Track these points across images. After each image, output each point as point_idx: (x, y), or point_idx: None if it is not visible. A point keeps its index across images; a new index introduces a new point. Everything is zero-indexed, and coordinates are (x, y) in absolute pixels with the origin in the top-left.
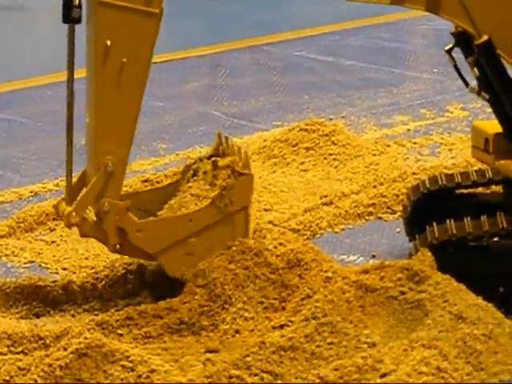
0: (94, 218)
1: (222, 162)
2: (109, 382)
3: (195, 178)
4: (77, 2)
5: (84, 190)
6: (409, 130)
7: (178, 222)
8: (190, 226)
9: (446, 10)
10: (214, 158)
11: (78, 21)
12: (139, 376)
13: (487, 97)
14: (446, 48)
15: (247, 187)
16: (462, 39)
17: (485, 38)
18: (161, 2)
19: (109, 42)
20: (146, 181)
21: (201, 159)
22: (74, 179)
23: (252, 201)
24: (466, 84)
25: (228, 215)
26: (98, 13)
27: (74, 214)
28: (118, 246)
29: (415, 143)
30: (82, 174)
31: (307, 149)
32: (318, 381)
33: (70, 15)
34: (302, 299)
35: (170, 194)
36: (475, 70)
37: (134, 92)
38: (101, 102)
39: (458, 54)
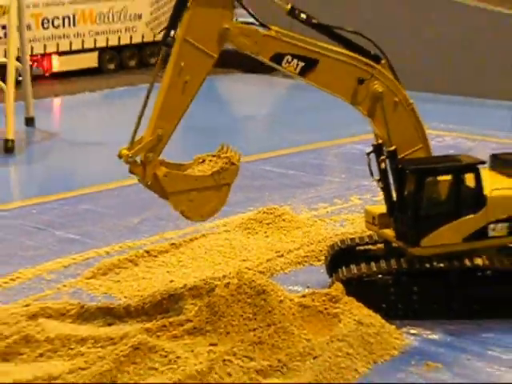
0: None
1: (223, 155)
2: (151, 365)
3: (203, 163)
4: (172, 34)
5: (140, 145)
6: (327, 211)
7: (189, 178)
8: (195, 183)
9: (376, 120)
10: (218, 153)
11: (170, 46)
12: (170, 360)
13: (382, 185)
14: (367, 151)
15: (235, 172)
16: (378, 148)
17: (393, 147)
18: (219, 51)
19: (183, 64)
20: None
21: (208, 155)
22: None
23: (235, 182)
24: (372, 175)
25: (219, 185)
26: (183, 45)
27: (130, 155)
28: (149, 183)
29: (331, 219)
30: (140, 138)
31: (268, 224)
32: (276, 363)
33: (165, 41)
34: (266, 313)
35: (185, 168)
36: (382, 165)
37: (188, 97)
38: (167, 95)
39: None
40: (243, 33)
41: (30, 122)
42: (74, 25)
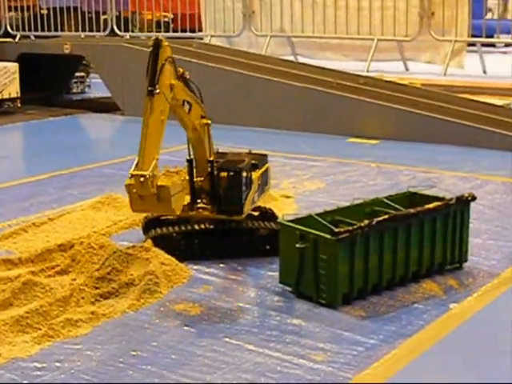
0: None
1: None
2: (34, 294)
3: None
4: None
5: (150, 168)
6: None
7: (179, 185)
8: (179, 188)
9: (204, 141)
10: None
11: (153, 95)
12: (46, 290)
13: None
14: (187, 158)
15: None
16: (190, 161)
17: (212, 158)
18: (170, 99)
19: (162, 108)
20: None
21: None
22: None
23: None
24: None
25: (184, 189)
26: (160, 96)
27: (149, 174)
28: (155, 191)
29: None
30: (136, 163)
31: (107, 204)
32: (112, 290)
33: (152, 92)
34: (105, 259)
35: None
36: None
37: (164, 130)
38: (157, 132)
39: None
40: (175, 87)
41: None
42: None
